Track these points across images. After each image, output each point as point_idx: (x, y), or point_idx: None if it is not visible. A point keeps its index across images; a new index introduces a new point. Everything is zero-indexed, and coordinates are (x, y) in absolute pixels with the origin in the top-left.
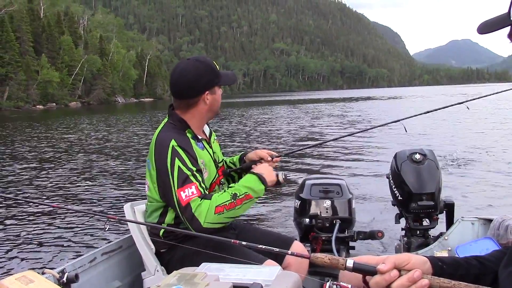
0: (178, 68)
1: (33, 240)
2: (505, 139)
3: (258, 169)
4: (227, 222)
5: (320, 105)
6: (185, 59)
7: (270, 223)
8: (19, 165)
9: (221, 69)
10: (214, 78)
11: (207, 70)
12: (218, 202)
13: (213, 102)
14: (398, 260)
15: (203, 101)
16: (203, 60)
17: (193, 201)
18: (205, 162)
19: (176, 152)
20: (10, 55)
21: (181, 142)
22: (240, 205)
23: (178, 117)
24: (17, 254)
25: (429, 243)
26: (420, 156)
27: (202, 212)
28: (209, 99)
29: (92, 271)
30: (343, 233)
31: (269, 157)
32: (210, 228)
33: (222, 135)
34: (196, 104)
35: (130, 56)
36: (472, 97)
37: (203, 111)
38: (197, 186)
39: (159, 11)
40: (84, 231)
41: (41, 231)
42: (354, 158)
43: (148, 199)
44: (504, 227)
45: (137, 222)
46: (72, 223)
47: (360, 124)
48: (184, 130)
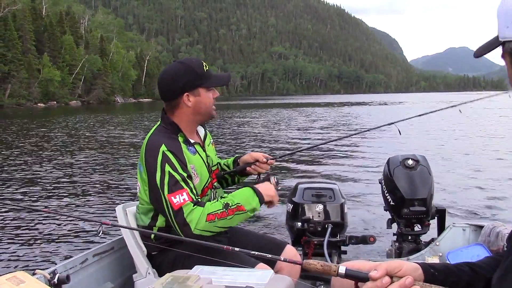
0: (163, 70)
1: (24, 241)
2: (499, 145)
3: (257, 184)
4: (217, 231)
5: (317, 109)
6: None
7: (262, 226)
8: (12, 164)
9: (219, 71)
10: (195, 80)
11: (187, 71)
12: (210, 210)
13: (198, 105)
14: (390, 266)
15: (184, 103)
16: (186, 62)
17: (186, 206)
18: (195, 167)
19: (166, 157)
20: (12, 53)
21: (171, 146)
22: (232, 215)
23: (170, 121)
24: (8, 255)
25: (420, 248)
26: (413, 162)
27: (194, 219)
28: (191, 101)
29: (83, 272)
30: (335, 237)
31: (264, 158)
32: (199, 235)
33: (214, 136)
34: (178, 106)
35: (129, 57)
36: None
37: (187, 113)
38: (188, 192)
39: (159, 12)
40: (76, 232)
41: (33, 231)
42: (347, 162)
43: (140, 201)
44: (494, 234)
45: (130, 228)
46: (65, 224)
47: (355, 127)
48: (176, 134)
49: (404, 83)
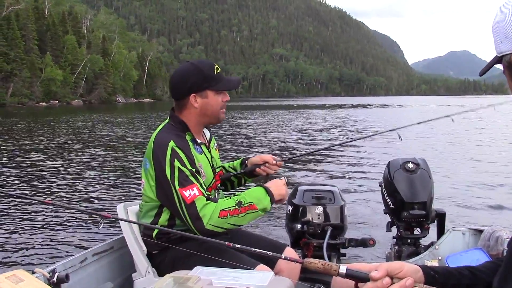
0: (175, 69)
1: (23, 239)
2: (499, 149)
3: (268, 183)
4: (228, 228)
5: (318, 111)
6: (185, 61)
7: (261, 227)
8: (14, 160)
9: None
10: (203, 82)
11: (196, 73)
12: (223, 206)
13: (205, 106)
14: (390, 267)
15: (191, 104)
16: (197, 63)
17: (198, 200)
18: (202, 166)
19: (175, 152)
20: (15, 52)
21: (180, 143)
22: (244, 213)
23: (178, 119)
24: (7, 252)
25: (419, 252)
26: (413, 165)
27: (207, 213)
28: (198, 102)
29: (82, 272)
30: (335, 240)
31: (273, 160)
32: (211, 230)
33: (215, 136)
34: (186, 107)
35: (131, 57)
36: (463, 109)
37: (194, 114)
38: (199, 187)
39: (160, 12)
40: (76, 230)
41: (32, 229)
42: (347, 165)
43: (143, 199)
44: (494, 238)
45: (132, 221)
46: (64, 221)
47: (357, 131)
48: (184, 132)
49: (404, 86)
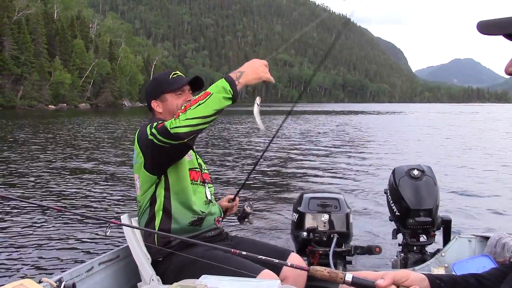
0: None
1: (31, 246)
2: (506, 156)
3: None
4: (195, 125)
5: (320, 116)
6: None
7: (266, 235)
8: (20, 164)
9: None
10: (158, 87)
11: (152, 82)
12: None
13: (167, 109)
14: (396, 276)
15: (155, 110)
16: (155, 75)
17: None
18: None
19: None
20: (25, 56)
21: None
22: (197, 102)
23: (159, 117)
24: (14, 261)
25: (426, 259)
26: (418, 172)
27: (169, 122)
28: (160, 106)
29: (89, 281)
30: (341, 248)
31: (228, 203)
32: (178, 133)
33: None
34: (154, 113)
35: (137, 61)
36: (468, 115)
37: (161, 117)
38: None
39: (166, 17)
40: (82, 238)
41: (39, 237)
42: (352, 172)
43: (138, 203)
44: (501, 245)
45: (135, 227)
46: (71, 229)
47: (359, 139)
48: None
49: (408, 93)
